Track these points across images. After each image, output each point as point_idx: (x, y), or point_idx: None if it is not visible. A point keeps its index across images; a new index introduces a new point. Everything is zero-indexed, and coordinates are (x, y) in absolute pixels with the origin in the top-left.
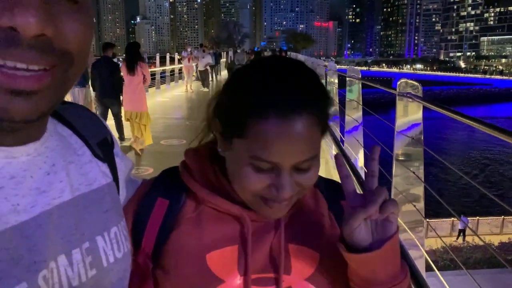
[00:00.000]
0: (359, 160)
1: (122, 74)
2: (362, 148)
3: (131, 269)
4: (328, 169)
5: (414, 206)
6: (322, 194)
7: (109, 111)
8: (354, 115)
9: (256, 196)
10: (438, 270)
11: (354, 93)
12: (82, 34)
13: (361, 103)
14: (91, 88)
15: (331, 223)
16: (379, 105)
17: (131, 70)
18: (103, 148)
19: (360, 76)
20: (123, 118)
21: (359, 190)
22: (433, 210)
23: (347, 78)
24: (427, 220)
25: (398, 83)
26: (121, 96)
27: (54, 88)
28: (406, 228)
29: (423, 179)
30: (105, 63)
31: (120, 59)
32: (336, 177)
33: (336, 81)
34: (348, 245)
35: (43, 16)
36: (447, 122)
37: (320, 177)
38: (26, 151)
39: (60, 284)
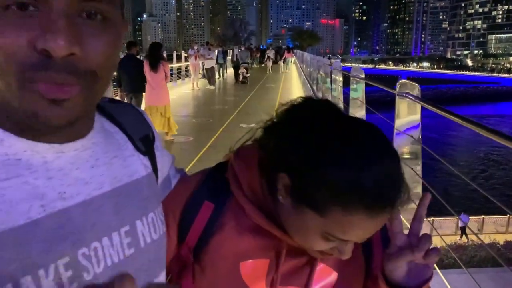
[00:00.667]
0: None
1: (144, 71)
2: None
3: (171, 257)
4: None
5: (413, 201)
6: None
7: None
8: (358, 113)
9: (312, 250)
10: (443, 268)
11: (358, 91)
12: (106, 52)
13: (364, 101)
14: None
15: (355, 247)
16: (384, 103)
17: (154, 67)
18: (145, 143)
19: (363, 76)
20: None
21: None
22: (438, 208)
23: (351, 77)
24: (432, 218)
25: (398, 83)
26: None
27: (83, 98)
28: (405, 221)
29: (421, 176)
30: (131, 61)
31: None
32: None
33: (341, 79)
34: (386, 278)
35: (71, 38)
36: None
37: None
38: (74, 146)
39: (103, 260)
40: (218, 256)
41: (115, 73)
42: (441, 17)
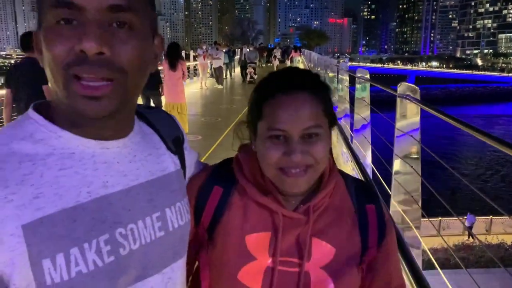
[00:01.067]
0: (367, 157)
1: (162, 69)
2: (370, 146)
3: (190, 239)
4: (338, 164)
5: (412, 197)
6: (350, 197)
7: (151, 102)
8: (363, 113)
9: (276, 168)
10: (450, 268)
11: (363, 92)
12: (132, 54)
13: (369, 102)
14: None
15: (352, 223)
16: (391, 102)
17: (173, 66)
18: (175, 144)
19: (368, 77)
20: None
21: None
22: (446, 208)
23: (356, 78)
24: (440, 218)
25: (398, 85)
26: (160, 89)
27: (116, 95)
28: (405, 217)
29: (420, 174)
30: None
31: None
32: (346, 171)
33: (348, 79)
34: None
35: (100, 40)
36: (471, 120)
37: (352, 177)
38: (117, 144)
39: (138, 240)
40: (227, 232)
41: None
42: (450, 16)
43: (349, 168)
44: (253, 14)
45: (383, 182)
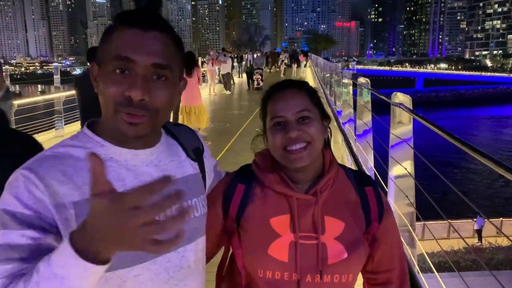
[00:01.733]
0: (370, 161)
1: None
2: (372, 150)
3: (220, 230)
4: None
5: (407, 196)
6: (351, 183)
7: None
8: (365, 118)
9: (282, 149)
10: (461, 270)
11: (364, 97)
12: (165, 99)
13: (370, 107)
14: None
15: (355, 202)
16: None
17: (189, 73)
18: (195, 153)
19: (369, 84)
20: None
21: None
22: (456, 211)
23: (358, 85)
24: (449, 221)
25: (392, 95)
26: None
27: (149, 124)
28: (402, 216)
29: (414, 176)
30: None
31: None
32: None
33: (351, 85)
34: None
35: (144, 91)
36: (482, 121)
37: (349, 168)
38: (144, 152)
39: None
40: (254, 218)
41: None
42: (458, 17)
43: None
44: (260, 19)
45: (384, 186)
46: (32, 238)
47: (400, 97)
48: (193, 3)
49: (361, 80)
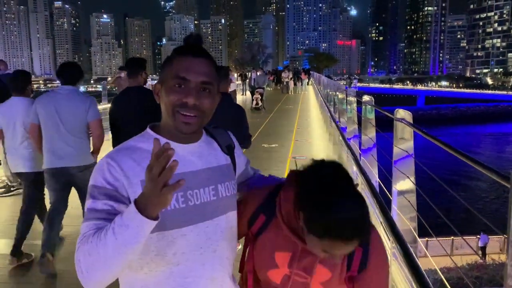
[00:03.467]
0: (375, 174)
1: None
2: (377, 163)
3: (244, 233)
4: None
5: (408, 201)
6: None
7: None
8: (370, 133)
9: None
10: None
11: (369, 114)
12: (209, 105)
13: (374, 123)
14: None
15: (344, 258)
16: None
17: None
18: (228, 149)
19: (373, 102)
20: None
21: (373, 202)
22: (459, 228)
23: (363, 102)
24: (452, 238)
25: (395, 111)
26: None
27: (198, 123)
28: (410, 230)
29: (415, 184)
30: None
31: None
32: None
33: (355, 102)
34: None
35: (195, 99)
36: (482, 138)
37: None
38: (189, 146)
39: (200, 198)
40: (264, 245)
41: None
42: (459, 36)
43: (358, 182)
44: (262, 38)
45: (391, 197)
46: (111, 206)
47: (402, 113)
48: (196, 22)
49: (366, 98)
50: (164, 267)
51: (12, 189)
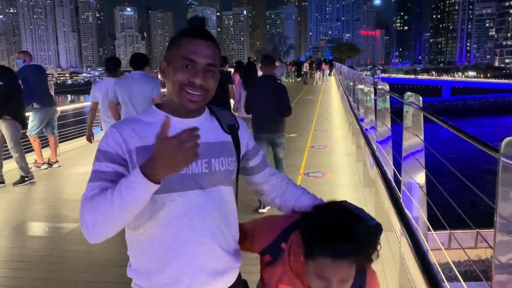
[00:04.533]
0: (390, 164)
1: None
2: (391, 151)
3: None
4: (366, 170)
5: (418, 184)
6: None
7: None
8: (386, 123)
9: None
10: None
11: (384, 103)
12: (212, 84)
13: (389, 111)
14: None
15: None
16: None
17: (249, 85)
18: (230, 128)
19: (388, 88)
20: None
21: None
22: (485, 220)
23: (377, 89)
24: (478, 230)
25: (405, 94)
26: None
27: (202, 100)
28: (414, 223)
29: (424, 167)
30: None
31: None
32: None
33: (373, 91)
34: None
35: (202, 79)
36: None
37: None
38: (189, 120)
39: (195, 169)
40: (271, 276)
41: None
42: (487, 24)
43: (373, 173)
44: (284, 29)
45: (405, 189)
46: (113, 168)
47: (412, 97)
48: (218, 14)
49: (380, 84)
50: (156, 228)
51: (26, 179)
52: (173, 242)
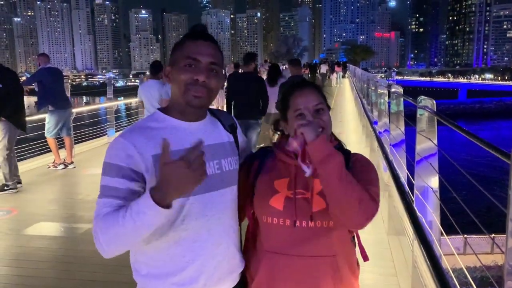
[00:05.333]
0: (404, 168)
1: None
2: (405, 155)
3: (239, 189)
4: (379, 174)
5: (432, 188)
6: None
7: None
8: (399, 127)
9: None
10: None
11: (397, 106)
12: (215, 83)
13: (403, 114)
14: None
15: None
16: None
17: (273, 84)
18: (231, 128)
19: (402, 91)
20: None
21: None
22: (502, 226)
23: (391, 92)
24: (493, 235)
25: (418, 98)
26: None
27: (206, 98)
28: (426, 227)
29: (437, 171)
30: (247, 78)
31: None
32: (384, 179)
33: (386, 93)
34: None
35: (205, 77)
36: None
37: (337, 146)
38: (196, 124)
39: (209, 169)
40: (263, 180)
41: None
42: (505, 26)
43: (386, 176)
44: (298, 31)
45: (418, 193)
46: (125, 185)
47: (425, 100)
48: (232, 16)
49: (394, 87)
50: (174, 232)
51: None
52: (192, 244)
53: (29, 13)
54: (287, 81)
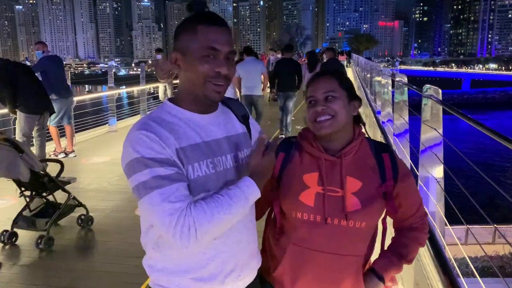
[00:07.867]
0: (407, 158)
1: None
2: (409, 145)
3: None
4: None
5: (435, 179)
6: (371, 151)
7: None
8: (402, 115)
9: (311, 121)
10: (505, 277)
11: (402, 95)
12: (234, 72)
13: (407, 104)
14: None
15: (373, 166)
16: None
17: (313, 69)
18: (243, 118)
19: (406, 80)
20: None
21: None
22: (504, 216)
23: (395, 81)
24: (496, 225)
25: (424, 87)
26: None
27: (224, 91)
28: (431, 219)
29: (442, 161)
30: (289, 62)
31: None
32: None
33: (390, 83)
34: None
35: (226, 68)
36: None
37: (373, 140)
38: (209, 116)
39: (224, 164)
40: (291, 174)
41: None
42: (510, 15)
43: None
44: (301, 20)
45: (421, 184)
46: (171, 169)
47: (430, 89)
48: (234, 4)
49: (398, 76)
50: None
51: None
52: (213, 240)
53: (31, 1)
54: (325, 63)
